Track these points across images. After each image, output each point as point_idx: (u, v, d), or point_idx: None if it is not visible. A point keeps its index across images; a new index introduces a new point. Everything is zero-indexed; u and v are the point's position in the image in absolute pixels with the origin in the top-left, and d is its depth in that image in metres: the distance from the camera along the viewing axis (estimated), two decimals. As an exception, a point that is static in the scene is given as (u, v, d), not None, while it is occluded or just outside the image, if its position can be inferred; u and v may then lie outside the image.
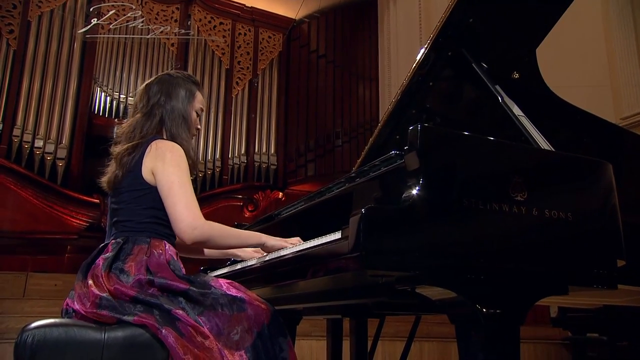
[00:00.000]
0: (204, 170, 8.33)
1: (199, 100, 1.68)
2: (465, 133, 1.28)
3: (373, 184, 1.37)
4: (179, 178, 1.46)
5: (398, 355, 5.05)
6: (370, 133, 8.42)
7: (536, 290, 1.26)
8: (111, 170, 1.55)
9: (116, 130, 1.61)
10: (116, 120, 8.23)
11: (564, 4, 1.97)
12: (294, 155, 8.82)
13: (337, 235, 1.24)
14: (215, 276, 1.98)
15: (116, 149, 1.56)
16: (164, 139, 1.56)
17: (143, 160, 1.49)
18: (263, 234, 1.63)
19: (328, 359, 2.25)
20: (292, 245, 1.55)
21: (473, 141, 1.30)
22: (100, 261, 1.39)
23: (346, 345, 2.21)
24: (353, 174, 1.45)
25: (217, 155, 8.52)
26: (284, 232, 1.70)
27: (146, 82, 1.68)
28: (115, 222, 1.49)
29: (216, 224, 1.51)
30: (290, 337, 1.47)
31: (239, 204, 8.39)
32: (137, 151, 1.51)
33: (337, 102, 8.85)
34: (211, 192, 8.21)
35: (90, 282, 1.35)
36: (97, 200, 7.32)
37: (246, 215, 8.35)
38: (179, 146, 1.53)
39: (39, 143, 7.47)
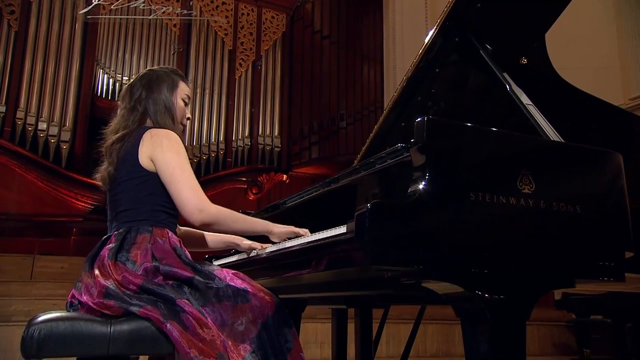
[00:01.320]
0: (207, 152, 8.31)
1: (183, 89, 1.67)
2: (472, 125, 1.26)
3: (378, 176, 1.36)
4: (179, 163, 1.47)
5: (402, 338, 5.11)
6: (374, 115, 8.40)
7: (543, 284, 1.26)
8: (104, 167, 1.55)
9: (104, 130, 1.61)
10: (119, 102, 8.17)
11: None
12: (298, 137, 8.78)
13: (342, 229, 1.23)
14: (220, 265, 1.99)
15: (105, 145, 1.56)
16: (154, 127, 1.56)
17: (139, 149, 1.49)
18: (270, 222, 1.62)
19: (333, 345, 2.27)
20: (298, 235, 1.55)
21: (480, 133, 1.28)
22: (105, 252, 1.39)
23: (351, 328, 2.22)
24: (358, 166, 1.44)
25: (221, 138, 8.50)
26: (289, 221, 1.69)
27: (129, 82, 1.68)
28: (116, 213, 1.49)
29: (223, 207, 1.52)
30: (295, 327, 1.47)
31: (243, 186, 8.40)
32: (126, 140, 1.51)
33: (342, 83, 8.78)
34: (215, 174, 8.21)
35: (97, 272, 1.36)
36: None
37: (250, 198, 8.37)
38: (173, 133, 1.54)
39: (42, 126, 7.47)
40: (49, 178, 7.38)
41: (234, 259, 1.88)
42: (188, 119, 1.71)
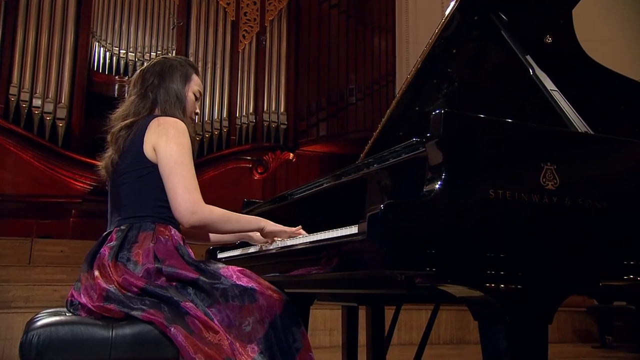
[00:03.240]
0: (210, 130, 8.30)
1: (196, 83, 1.66)
2: (492, 118, 1.24)
3: (392, 171, 1.35)
4: (181, 157, 1.45)
5: (414, 324, 5.15)
6: (386, 90, 8.30)
7: (567, 287, 1.24)
8: (108, 155, 1.54)
9: (110, 115, 1.61)
10: (117, 77, 8.18)
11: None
12: (305, 113, 8.73)
13: (353, 229, 1.22)
14: (225, 259, 2.00)
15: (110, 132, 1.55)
16: (163, 116, 1.55)
17: (144, 137, 1.48)
18: (263, 219, 1.63)
19: (343, 339, 2.29)
20: (290, 233, 1.59)
21: (501, 126, 1.25)
22: (105, 250, 1.39)
23: (362, 314, 2.23)
24: (371, 159, 1.43)
25: (224, 115, 8.47)
26: (297, 213, 1.70)
27: (141, 68, 1.67)
28: (117, 207, 1.48)
29: (217, 208, 1.51)
30: (303, 323, 1.48)
31: (247, 165, 8.40)
32: (134, 128, 1.50)
33: (351, 55, 8.67)
34: (218, 153, 8.21)
35: (97, 273, 1.36)
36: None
37: (255, 178, 8.38)
38: (182, 123, 1.52)
39: (37, 102, 7.47)
40: (46, 157, 7.41)
41: (238, 253, 1.88)
42: (196, 114, 1.70)
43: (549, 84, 1.62)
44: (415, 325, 5.13)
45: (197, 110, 1.69)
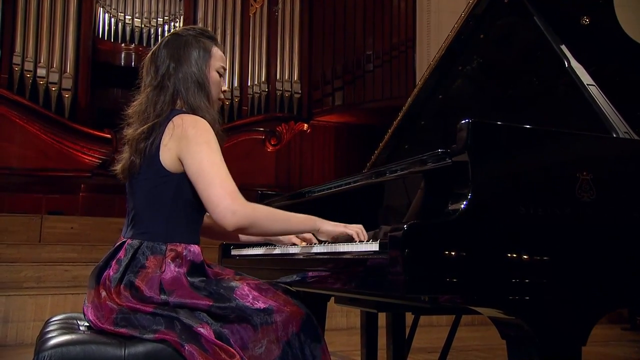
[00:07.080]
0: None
1: (218, 58, 1.53)
2: (524, 127, 1.20)
3: (416, 180, 1.31)
4: (207, 156, 1.35)
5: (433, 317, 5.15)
6: (405, 56, 8.11)
7: (602, 307, 1.22)
8: (125, 156, 1.46)
9: (126, 111, 1.50)
10: (123, 45, 8.13)
11: None
12: (320, 82, 8.60)
13: (373, 246, 1.20)
14: (240, 257, 1.99)
15: (129, 132, 1.46)
16: (183, 112, 1.45)
17: (161, 141, 1.39)
18: (317, 218, 1.49)
19: (362, 336, 2.31)
20: (344, 234, 1.45)
21: (533, 136, 1.21)
22: (111, 270, 1.36)
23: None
24: (394, 165, 1.39)
25: (235, 84, 8.40)
26: (314, 212, 1.67)
27: (151, 50, 1.54)
28: (132, 215, 1.44)
29: (260, 206, 1.42)
30: (321, 324, 1.46)
31: (260, 137, 8.38)
32: (156, 133, 1.41)
33: (368, 19, 8.46)
34: (230, 124, 8.16)
35: (104, 294, 1.35)
36: (109, 136, 7.42)
37: (269, 150, 8.37)
38: (202, 119, 1.42)
39: (41, 72, 7.46)
40: (53, 130, 7.44)
41: (251, 252, 1.88)
42: (224, 92, 1.58)
43: (586, 78, 1.55)
44: (434, 319, 5.14)
45: (224, 88, 1.58)
